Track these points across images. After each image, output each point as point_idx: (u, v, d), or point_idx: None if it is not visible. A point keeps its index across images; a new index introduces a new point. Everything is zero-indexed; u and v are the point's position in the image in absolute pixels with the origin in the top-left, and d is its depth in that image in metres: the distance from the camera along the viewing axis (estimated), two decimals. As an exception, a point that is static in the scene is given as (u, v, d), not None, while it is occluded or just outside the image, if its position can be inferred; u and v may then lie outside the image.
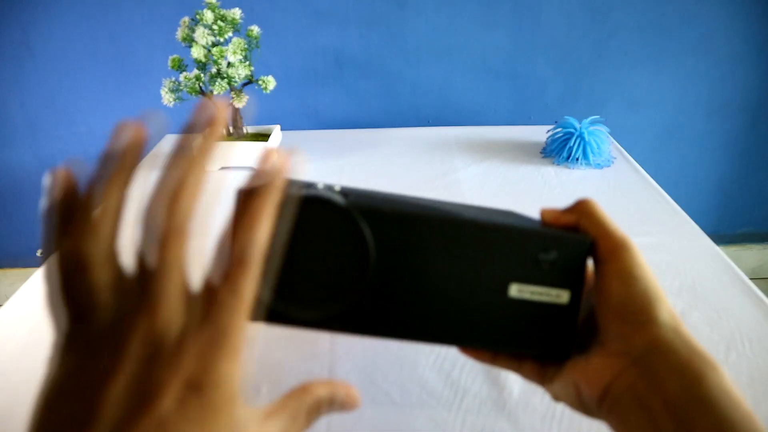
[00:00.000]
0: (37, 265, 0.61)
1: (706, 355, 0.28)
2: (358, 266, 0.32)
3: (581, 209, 0.34)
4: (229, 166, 0.96)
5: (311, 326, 0.32)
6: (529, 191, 0.86)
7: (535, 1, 1.19)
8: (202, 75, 0.89)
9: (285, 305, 0.31)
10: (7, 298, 0.61)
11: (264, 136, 0.97)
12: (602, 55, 1.26)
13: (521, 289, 0.32)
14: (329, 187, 0.34)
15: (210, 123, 0.25)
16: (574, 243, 0.32)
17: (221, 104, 0.25)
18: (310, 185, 0.35)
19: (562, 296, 0.33)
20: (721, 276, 0.63)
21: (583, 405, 0.32)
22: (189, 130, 0.24)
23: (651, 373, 0.28)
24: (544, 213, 0.35)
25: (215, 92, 0.89)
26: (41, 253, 1.51)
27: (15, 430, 0.45)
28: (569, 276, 0.32)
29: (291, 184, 0.34)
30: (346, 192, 0.32)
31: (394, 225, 0.31)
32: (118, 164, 0.24)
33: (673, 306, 0.58)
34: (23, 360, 0.53)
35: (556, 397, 0.34)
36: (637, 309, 0.30)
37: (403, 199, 0.38)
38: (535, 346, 0.33)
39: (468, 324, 0.33)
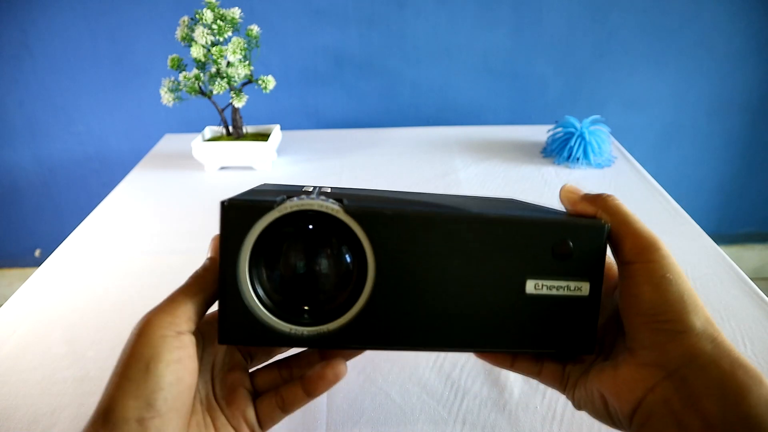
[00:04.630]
0: (36, 265, 0.61)
1: (750, 368, 0.25)
2: (357, 276, 0.29)
3: (603, 204, 0.31)
4: (228, 166, 0.95)
5: (310, 345, 0.29)
6: (530, 191, 0.86)
7: (536, 0, 1.19)
8: (201, 74, 0.88)
9: (282, 324, 0.29)
10: (5, 298, 0.61)
11: (264, 136, 0.97)
12: (603, 55, 1.25)
13: (538, 285, 0.30)
14: (320, 191, 0.32)
15: None
16: (591, 230, 0.30)
17: None
18: (297, 191, 0.32)
19: (581, 288, 0.30)
20: (723, 276, 0.63)
21: (611, 418, 0.30)
22: None
23: (688, 388, 0.26)
24: (564, 189, 0.33)
25: (215, 92, 0.88)
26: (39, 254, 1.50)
27: (14, 429, 0.45)
28: (588, 266, 0.30)
29: (280, 191, 0.31)
30: (337, 196, 0.30)
31: (393, 228, 0.29)
32: None
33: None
34: (21, 360, 0.52)
35: (579, 406, 0.32)
36: (671, 317, 0.27)
37: (399, 197, 0.35)
38: (556, 344, 0.31)
39: (483, 327, 0.30)
